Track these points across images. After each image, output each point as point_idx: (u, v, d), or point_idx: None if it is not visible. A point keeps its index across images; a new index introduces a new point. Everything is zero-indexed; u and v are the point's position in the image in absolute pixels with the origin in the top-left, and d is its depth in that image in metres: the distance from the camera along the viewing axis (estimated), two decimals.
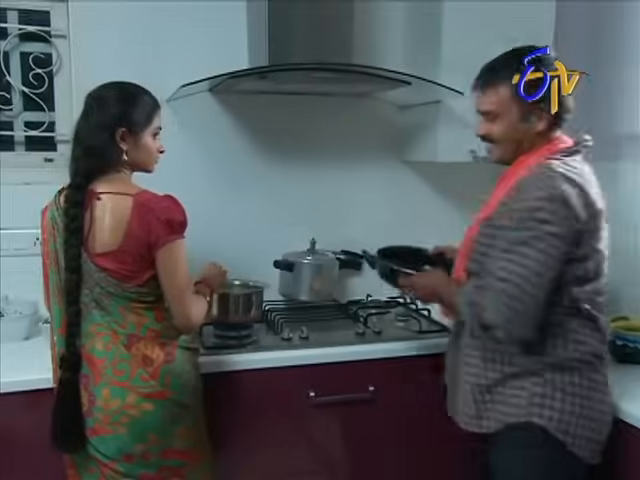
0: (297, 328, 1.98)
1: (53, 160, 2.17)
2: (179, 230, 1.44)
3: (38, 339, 1.94)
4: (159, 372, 1.48)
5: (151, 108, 1.52)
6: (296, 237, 2.30)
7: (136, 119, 1.49)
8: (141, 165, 1.54)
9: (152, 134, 1.52)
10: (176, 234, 1.43)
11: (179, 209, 1.45)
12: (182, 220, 1.45)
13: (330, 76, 1.87)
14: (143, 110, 1.50)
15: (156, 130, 1.53)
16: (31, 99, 2.13)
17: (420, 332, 2.03)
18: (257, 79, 1.90)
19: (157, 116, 1.53)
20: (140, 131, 1.49)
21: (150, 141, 1.52)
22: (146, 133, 1.51)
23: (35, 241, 2.06)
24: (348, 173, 2.39)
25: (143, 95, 1.52)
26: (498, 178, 1.60)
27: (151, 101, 1.52)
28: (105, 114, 1.47)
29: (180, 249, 1.44)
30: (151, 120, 1.51)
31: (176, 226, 1.43)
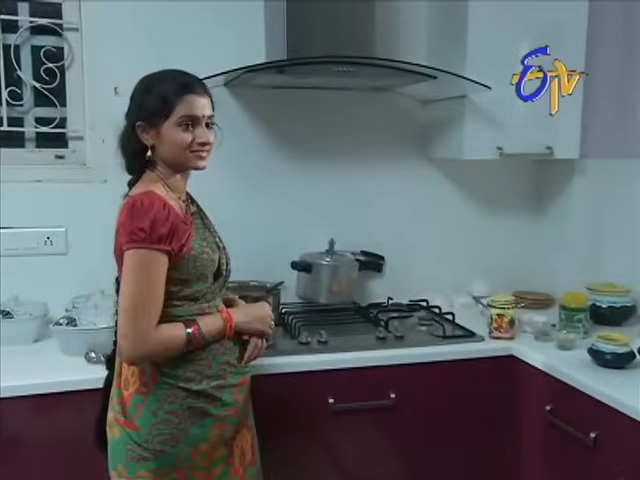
0: (315, 332, 1.96)
1: (64, 157, 2.17)
2: (136, 239, 1.31)
3: (48, 341, 1.94)
4: (130, 400, 1.41)
5: (172, 95, 1.38)
6: (314, 237, 2.29)
7: (152, 110, 1.39)
8: (173, 161, 1.43)
9: (177, 124, 1.39)
10: (131, 243, 1.31)
11: (145, 216, 1.31)
12: (142, 228, 1.30)
13: (352, 70, 1.86)
14: (160, 99, 1.38)
15: (183, 120, 1.39)
16: (42, 94, 2.13)
17: (444, 337, 2.01)
18: (275, 73, 1.89)
19: (182, 104, 1.38)
20: (159, 123, 1.39)
21: (174, 133, 1.39)
22: (168, 124, 1.39)
23: (46, 240, 2.08)
24: (368, 170, 2.37)
25: (162, 82, 1.41)
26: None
27: (174, 88, 1.39)
28: (128, 108, 1.45)
29: (132, 261, 1.31)
30: (171, 109, 1.38)
31: (133, 235, 1.31)
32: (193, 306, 1.42)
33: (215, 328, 1.42)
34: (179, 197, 1.46)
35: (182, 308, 1.41)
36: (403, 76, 1.96)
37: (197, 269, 1.40)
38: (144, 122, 1.42)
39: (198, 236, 1.44)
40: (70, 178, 2.11)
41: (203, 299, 1.44)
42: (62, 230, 2.10)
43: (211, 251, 1.44)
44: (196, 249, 1.40)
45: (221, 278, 1.48)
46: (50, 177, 2.09)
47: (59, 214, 2.09)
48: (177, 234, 1.36)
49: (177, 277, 1.38)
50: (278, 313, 2.11)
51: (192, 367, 1.40)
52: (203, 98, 1.43)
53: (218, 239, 1.53)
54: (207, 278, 1.43)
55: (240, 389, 1.48)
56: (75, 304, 1.96)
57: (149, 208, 1.33)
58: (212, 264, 1.43)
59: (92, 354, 1.77)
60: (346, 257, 2.28)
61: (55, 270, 2.08)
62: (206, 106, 1.43)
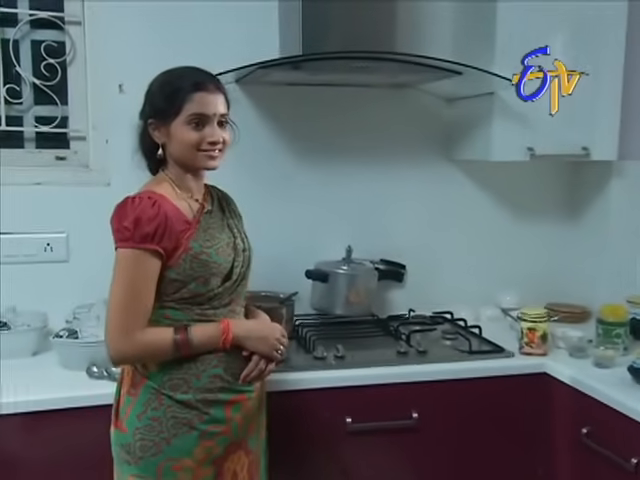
0: (331, 346, 1.97)
1: (66, 158, 2.19)
2: (121, 238, 1.39)
3: (47, 355, 1.95)
4: (122, 400, 1.48)
5: (182, 93, 1.43)
6: (330, 244, 2.29)
7: (162, 107, 1.45)
8: (182, 160, 1.48)
9: (186, 123, 1.44)
10: (117, 242, 1.40)
11: (130, 215, 1.38)
12: (126, 227, 1.38)
13: (371, 65, 1.87)
14: (169, 97, 1.44)
15: (192, 118, 1.43)
16: (42, 92, 2.15)
17: (470, 352, 2.00)
18: (289, 69, 1.90)
19: (191, 102, 1.42)
20: (169, 121, 1.44)
21: (183, 131, 1.44)
22: (177, 122, 1.44)
23: (45, 246, 2.10)
24: (388, 173, 2.37)
25: (173, 79, 1.46)
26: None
27: (184, 85, 1.43)
28: (142, 105, 1.51)
29: (118, 260, 1.40)
30: (180, 107, 1.43)
31: (119, 233, 1.40)
32: (194, 310, 1.45)
33: (207, 337, 1.44)
34: (190, 196, 1.50)
35: (180, 312, 1.45)
36: (426, 72, 1.96)
37: (194, 270, 1.43)
38: (155, 120, 1.47)
39: (203, 236, 1.46)
40: (72, 181, 2.13)
41: (207, 304, 1.46)
42: (63, 236, 2.12)
43: (216, 253, 1.46)
44: (194, 249, 1.43)
45: (229, 282, 1.49)
46: (50, 179, 2.11)
47: (60, 219, 2.11)
48: (167, 233, 1.40)
49: (173, 277, 1.42)
50: (291, 325, 2.11)
51: (179, 375, 1.44)
52: (215, 95, 1.46)
53: (242, 240, 1.56)
54: (208, 280, 1.45)
55: (235, 407, 1.48)
56: (76, 315, 1.97)
57: (135, 206, 1.39)
58: (215, 266, 1.45)
59: (94, 368, 1.78)
60: (364, 266, 2.28)
61: (55, 278, 2.09)
62: (218, 104, 1.47)
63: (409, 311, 2.34)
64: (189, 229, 1.44)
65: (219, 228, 1.53)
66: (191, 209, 1.48)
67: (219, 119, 1.47)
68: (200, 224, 1.48)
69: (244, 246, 1.56)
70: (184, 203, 1.48)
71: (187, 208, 1.47)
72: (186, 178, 1.51)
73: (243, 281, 1.54)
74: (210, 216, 1.52)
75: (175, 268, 1.42)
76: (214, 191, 1.62)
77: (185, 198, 1.49)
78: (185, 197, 1.49)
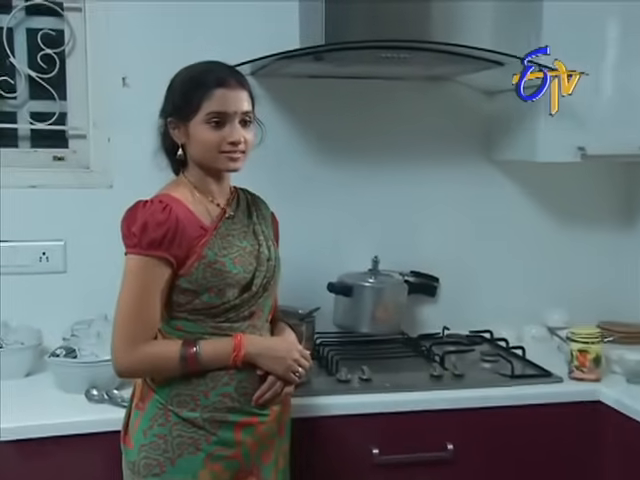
0: (356, 368, 1.97)
1: (64, 159, 2.21)
2: (129, 244, 1.45)
3: (42, 376, 1.96)
4: (132, 414, 1.54)
5: (201, 90, 1.47)
6: (355, 254, 2.29)
7: (179, 104, 1.50)
8: (202, 162, 1.52)
9: (205, 122, 1.47)
10: (126, 248, 1.46)
11: (137, 219, 1.44)
12: (134, 232, 1.43)
13: (403, 56, 1.87)
14: (188, 93, 1.48)
15: (211, 117, 1.47)
16: (38, 85, 2.17)
17: (512, 377, 1.99)
18: (311, 60, 1.91)
19: (210, 99, 1.46)
20: (187, 119, 1.49)
21: (201, 131, 1.48)
22: (195, 121, 1.48)
23: (41, 256, 2.12)
24: (420, 175, 2.37)
25: (192, 75, 1.51)
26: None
27: (203, 81, 1.47)
28: (163, 102, 1.56)
29: (126, 267, 1.45)
30: (199, 105, 1.46)
31: (127, 239, 1.46)
32: (208, 323, 1.49)
33: (217, 353, 1.47)
34: (211, 200, 1.54)
35: (194, 323, 1.49)
36: (464, 63, 1.96)
37: (207, 280, 1.46)
38: (174, 119, 1.52)
39: (220, 243, 1.50)
40: (70, 183, 2.15)
41: (223, 317, 1.49)
42: (60, 244, 2.14)
43: (232, 261, 1.49)
44: (208, 257, 1.47)
45: (247, 293, 1.51)
46: (47, 182, 2.13)
47: (57, 225, 2.13)
48: (178, 239, 1.44)
49: (186, 287, 1.47)
50: (312, 345, 2.11)
51: (187, 391, 1.47)
52: (237, 92, 1.50)
53: (267, 249, 1.59)
54: (222, 291, 1.48)
55: (246, 430, 1.50)
56: (74, 332, 1.99)
57: (144, 211, 1.44)
58: (230, 276, 1.48)
59: (94, 391, 1.78)
60: (393, 278, 2.28)
61: (51, 291, 2.11)
62: (241, 101, 1.50)
63: (443, 329, 2.34)
64: (204, 235, 1.48)
65: (241, 235, 1.56)
66: (209, 214, 1.52)
67: (241, 117, 1.50)
68: (218, 230, 1.51)
69: (269, 255, 1.58)
70: (202, 207, 1.52)
71: (205, 213, 1.52)
72: (207, 181, 1.55)
73: (266, 293, 1.56)
74: (232, 222, 1.56)
75: (187, 277, 1.46)
76: (243, 194, 1.65)
77: (204, 202, 1.53)
78: (204, 201, 1.53)
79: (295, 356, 1.55)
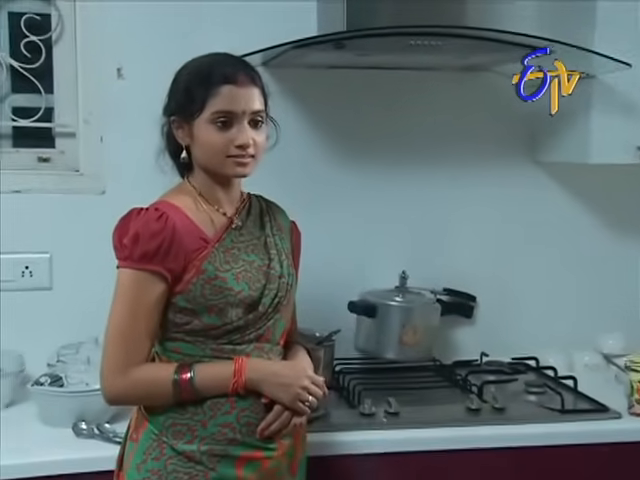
0: (382, 399, 1.97)
1: (50, 160, 2.21)
2: (120, 257, 1.47)
3: (24, 407, 1.96)
4: (126, 447, 1.55)
5: (206, 86, 1.48)
6: (380, 269, 2.29)
7: (183, 103, 1.51)
8: (207, 166, 1.53)
9: (210, 122, 1.48)
10: (119, 260, 1.48)
11: (130, 229, 1.46)
12: (125, 243, 1.45)
13: (434, 43, 1.87)
14: (192, 89, 1.49)
15: (217, 116, 1.48)
16: (22, 77, 2.18)
17: (562, 411, 1.98)
18: (330, 49, 1.91)
19: (216, 96, 1.47)
20: (192, 119, 1.50)
21: (206, 132, 1.49)
22: (200, 121, 1.49)
23: (24, 271, 2.12)
24: (454, 179, 2.36)
25: (198, 69, 1.52)
26: None
27: (209, 76, 1.48)
28: (166, 98, 1.57)
29: (117, 281, 1.48)
30: (204, 103, 1.48)
31: (117, 251, 1.48)
32: (209, 345, 1.50)
33: (214, 380, 1.47)
34: (217, 209, 1.56)
35: (193, 345, 1.50)
36: (505, 50, 1.94)
37: (206, 298, 1.47)
38: (178, 117, 1.53)
39: (222, 257, 1.51)
40: (57, 188, 2.15)
41: (225, 338, 1.50)
42: (46, 257, 2.14)
43: (234, 278, 1.50)
44: (208, 272, 1.47)
45: (253, 314, 1.51)
46: (30, 186, 2.13)
47: (42, 235, 2.13)
48: (174, 251, 1.45)
49: (183, 305, 1.48)
50: (331, 372, 2.10)
51: (183, 420, 1.47)
52: (246, 89, 1.50)
53: (279, 264, 1.59)
54: (223, 311, 1.48)
55: (249, 466, 1.49)
56: (61, 357, 1.98)
57: (137, 220, 1.47)
58: (231, 294, 1.48)
59: (83, 425, 1.78)
60: (423, 297, 2.27)
61: (35, 311, 2.11)
62: (250, 99, 1.51)
63: (481, 356, 2.33)
64: (205, 248, 1.49)
65: (249, 248, 1.57)
66: (213, 224, 1.53)
67: (251, 117, 1.51)
68: (221, 242, 1.52)
69: (281, 271, 1.58)
70: (205, 217, 1.53)
71: (208, 223, 1.53)
72: (213, 187, 1.56)
73: (276, 314, 1.56)
74: (239, 233, 1.56)
75: (184, 294, 1.47)
76: (257, 202, 1.66)
77: (209, 211, 1.54)
78: (209, 209, 1.55)
79: (304, 383, 1.53)
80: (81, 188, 2.16)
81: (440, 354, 2.32)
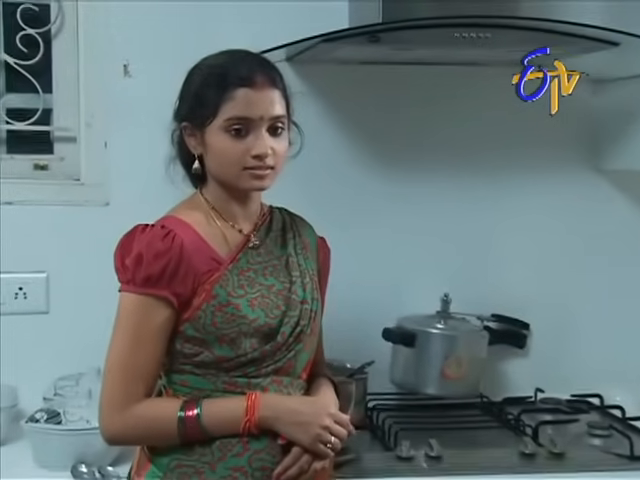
0: (422, 441, 1.97)
1: (48, 167, 2.23)
2: (122, 279, 1.49)
3: (17, 446, 1.97)
4: None
5: (219, 88, 1.48)
6: (419, 291, 2.30)
7: (193, 106, 1.52)
8: (221, 178, 1.55)
9: (224, 129, 1.48)
10: (122, 283, 1.49)
11: (132, 248, 1.47)
12: (127, 264, 1.47)
13: (483, 36, 1.87)
14: (204, 92, 1.50)
15: (231, 123, 1.48)
16: (17, 74, 2.20)
17: (632, 457, 1.97)
18: (364, 43, 1.91)
19: (230, 101, 1.47)
20: (204, 125, 1.50)
21: (219, 140, 1.49)
22: (213, 128, 1.50)
23: (17, 292, 2.14)
24: (505, 188, 2.37)
25: (211, 69, 1.52)
26: None
27: (223, 78, 1.49)
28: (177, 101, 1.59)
29: (118, 307, 1.49)
30: (216, 107, 1.48)
31: (119, 272, 1.50)
32: (221, 378, 1.50)
33: (224, 418, 1.47)
34: (232, 225, 1.57)
35: (203, 379, 1.50)
36: (565, 43, 1.94)
37: (216, 326, 1.48)
38: (189, 123, 1.54)
39: (236, 280, 1.51)
40: (55, 199, 2.17)
41: (239, 371, 1.50)
42: (42, 276, 2.15)
43: (248, 304, 1.50)
44: (219, 298, 1.48)
45: (271, 344, 1.51)
46: (25, 197, 2.15)
47: (38, 253, 2.14)
48: (182, 274, 1.46)
49: (191, 335, 1.49)
50: (364, 409, 2.11)
51: (190, 461, 1.47)
52: (265, 92, 1.50)
53: (301, 287, 1.59)
54: (235, 341, 1.49)
55: None
56: (59, 390, 1.99)
57: (141, 238, 1.48)
58: (245, 322, 1.48)
59: (82, 468, 1.79)
60: (469, 323, 2.28)
61: (30, 337, 2.12)
62: (270, 103, 1.51)
63: (536, 392, 2.32)
64: (217, 270, 1.50)
65: (267, 270, 1.57)
66: (227, 243, 1.54)
67: (270, 124, 1.51)
68: (235, 263, 1.53)
69: (304, 296, 1.57)
70: (218, 234, 1.54)
71: (221, 241, 1.54)
72: (228, 201, 1.57)
73: (297, 344, 1.55)
74: (256, 253, 1.57)
75: (192, 322, 1.48)
76: (280, 216, 1.66)
77: (222, 227, 1.55)
78: (222, 226, 1.56)
79: (325, 422, 1.51)
80: (82, 199, 2.17)
81: (488, 389, 2.32)
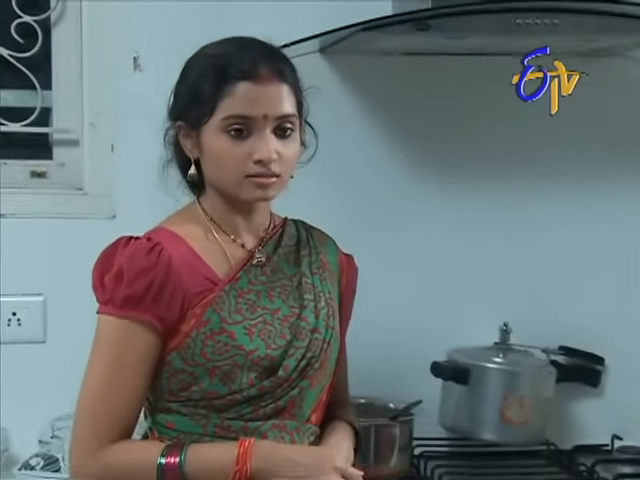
0: None
1: (46, 175, 2.24)
2: (100, 299, 1.49)
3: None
4: None
5: (217, 81, 1.46)
6: (473, 319, 2.30)
7: (188, 102, 1.51)
8: (219, 186, 1.52)
9: (222, 129, 1.47)
10: (100, 304, 1.49)
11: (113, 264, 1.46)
12: (104, 283, 1.47)
13: (552, 22, 1.89)
14: (199, 86, 1.48)
15: (230, 122, 1.46)
16: (12, 68, 2.21)
17: None
18: (411, 31, 1.91)
19: (229, 96, 1.45)
20: (199, 124, 1.48)
21: (216, 142, 1.47)
22: (208, 128, 1.48)
23: (10, 318, 2.14)
24: (576, 197, 2.35)
25: (208, 60, 1.50)
26: None
27: (221, 69, 1.47)
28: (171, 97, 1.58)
29: (97, 331, 1.49)
30: (213, 103, 1.46)
31: (97, 291, 1.50)
32: (212, 419, 1.48)
33: (210, 468, 1.45)
34: (233, 239, 1.55)
35: (191, 420, 1.48)
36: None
37: (207, 357, 1.46)
38: (184, 123, 1.52)
39: (234, 304, 1.49)
40: (54, 211, 2.17)
41: (233, 412, 1.48)
42: (38, 300, 2.16)
43: (246, 332, 1.48)
44: (211, 324, 1.46)
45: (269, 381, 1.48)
46: (20, 209, 2.16)
47: (34, 273, 2.15)
48: (168, 295, 1.44)
49: (179, 366, 1.47)
50: (409, 456, 2.11)
51: None
52: (271, 86, 1.48)
53: (314, 313, 1.56)
54: (231, 375, 1.47)
55: None
56: (56, 431, 1.99)
57: (123, 252, 1.47)
58: (240, 353, 1.46)
59: None
60: (532, 357, 2.28)
61: (24, 370, 2.12)
62: (277, 100, 1.48)
63: (612, 439, 2.31)
64: (211, 291, 1.48)
65: (274, 291, 1.55)
66: (227, 259, 1.53)
67: (277, 124, 1.48)
68: (234, 283, 1.51)
69: (315, 323, 1.54)
70: (216, 249, 1.53)
71: (219, 258, 1.52)
72: (229, 212, 1.56)
73: (303, 381, 1.52)
74: (260, 271, 1.55)
75: (180, 351, 1.46)
76: (294, 229, 1.64)
77: (222, 242, 1.54)
78: (222, 240, 1.54)
79: (329, 477, 1.49)
80: (85, 211, 2.18)
81: (556, 435, 2.30)
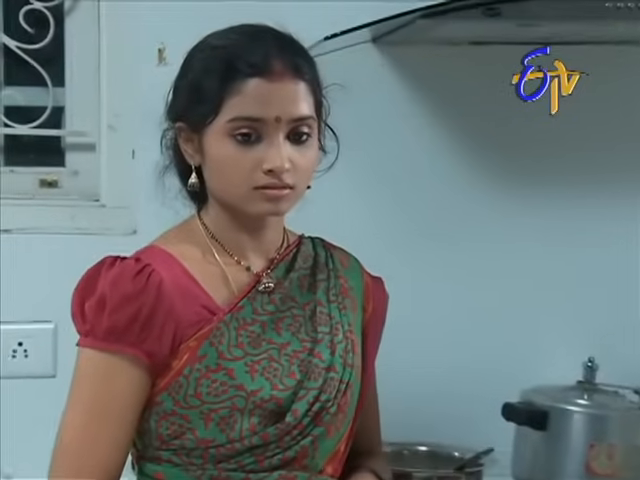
0: None
1: (58, 184, 2.26)
2: (81, 330, 1.48)
3: None
4: None
5: (223, 78, 1.46)
6: (552, 354, 2.31)
7: (189, 100, 1.51)
8: (223, 198, 1.52)
9: (227, 133, 1.46)
10: (80, 335, 1.49)
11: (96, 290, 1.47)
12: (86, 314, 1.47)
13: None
14: (201, 82, 1.48)
15: (236, 126, 1.46)
16: (20, 62, 2.23)
17: None
18: (479, 17, 1.93)
19: (236, 95, 1.45)
20: (202, 127, 1.49)
21: (220, 147, 1.47)
22: (211, 131, 1.48)
23: (16, 349, 2.16)
24: None
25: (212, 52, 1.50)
26: None
27: (227, 64, 1.46)
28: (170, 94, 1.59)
29: (79, 365, 1.49)
30: (218, 103, 1.46)
31: (77, 319, 1.50)
32: (207, 470, 1.48)
33: None
34: (237, 261, 1.56)
35: (183, 471, 1.48)
36: None
37: (200, 399, 1.46)
38: (185, 124, 1.53)
39: (234, 337, 1.49)
40: (67, 225, 2.19)
41: (232, 462, 1.48)
42: (48, 328, 2.18)
43: (247, 370, 1.48)
44: (207, 360, 1.46)
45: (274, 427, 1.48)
46: (28, 223, 2.18)
47: (43, 296, 2.17)
48: (158, 326, 1.44)
49: (170, 409, 1.47)
50: None
51: None
52: (285, 84, 1.47)
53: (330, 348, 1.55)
54: (229, 420, 1.47)
55: None
56: None
57: (108, 274, 1.47)
58: (240, 395, 1.47)
59: None
60: (623, 399, 2.28)
61: (31, 408, 2.14)
62: (292, 100, 1.48)
63: None
64: (209, 321, 1.48)
65: (282, 322, 1.55)
66: (228, 285, 1.53)
67: (291, 127, 1.48)
68: (236, 313, 1.50)
69: (330, 361, 1.53)
70: (216, 273, 1.53)
71: (219, 283, 1.53)
72: (232, 228, 1.56)
73: (316, 428, 1.51)
74: (268, 299, 1.55)
75: (171, 391, 1.47)
76: (311, 249, 1.65)
77: (224, 264, 1.54)
78: (224, 263, 1.54)
79: None
80: (102, 226, 2.20)
81: None
